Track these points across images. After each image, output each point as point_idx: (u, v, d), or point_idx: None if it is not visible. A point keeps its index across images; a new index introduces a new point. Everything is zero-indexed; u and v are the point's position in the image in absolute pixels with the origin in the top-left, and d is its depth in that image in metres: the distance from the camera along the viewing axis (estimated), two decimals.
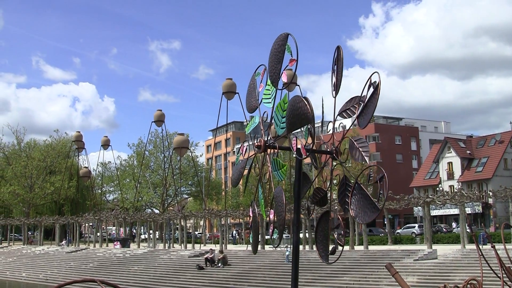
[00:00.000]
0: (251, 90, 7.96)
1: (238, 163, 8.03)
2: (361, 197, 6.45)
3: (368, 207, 6.31)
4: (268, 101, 7.42)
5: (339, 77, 6.89)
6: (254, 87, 7.91)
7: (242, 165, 7.95)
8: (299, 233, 7.43)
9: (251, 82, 8.03)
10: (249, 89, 8.04)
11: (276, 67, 7.25)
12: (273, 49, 7.31)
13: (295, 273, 6.90)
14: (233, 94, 67.21)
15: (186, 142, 75.17)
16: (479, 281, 6.26)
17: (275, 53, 7.25)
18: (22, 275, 54.45)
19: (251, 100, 7.90)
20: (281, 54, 7.16)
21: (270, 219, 7.31)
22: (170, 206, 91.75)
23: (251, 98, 7.91)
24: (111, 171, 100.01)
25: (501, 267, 6.95)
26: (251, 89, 7.99)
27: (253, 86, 7.95)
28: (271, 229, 7.41)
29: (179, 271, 44.61)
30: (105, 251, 61.11)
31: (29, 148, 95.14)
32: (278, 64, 7.18)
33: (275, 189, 7.37)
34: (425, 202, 41.86)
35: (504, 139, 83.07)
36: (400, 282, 5.96)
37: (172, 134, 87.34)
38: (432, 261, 34.83)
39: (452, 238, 47.92)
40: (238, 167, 8.01)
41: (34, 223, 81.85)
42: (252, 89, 7.93)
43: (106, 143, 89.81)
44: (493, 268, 7.64)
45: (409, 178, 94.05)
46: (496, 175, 78.35)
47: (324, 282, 34.03)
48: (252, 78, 8.01)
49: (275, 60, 7.26)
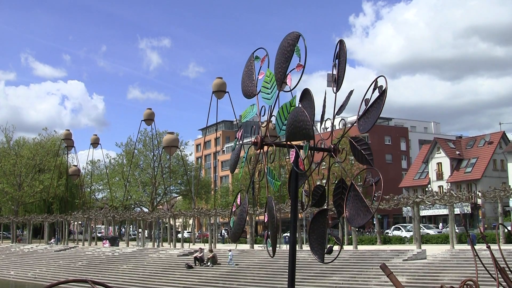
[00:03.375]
0: (249, 73, 7.66)
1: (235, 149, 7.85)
2: (355, 198, 6.39)
3: (361, 209, 6.25)
4: (267, 98, 7.20)
5: (342, 72, 6.78)
6: (252, 71, 7.62)
7: (238, 149, 7.79)
8: (295, 233, 7.32)
9: (249, 64, 7.73)
10: (247, 72, 7.72)
11: (282, 65, 7.05)
12: (282, 46, 7.11)
13: (292, 273, 6.85)
14: (223, 93, 67.22)
15: (176, 141, 75.06)
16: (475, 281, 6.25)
17: (284, 50, 7.05)
18: (11, 273, 54.22)
19: (248, 84, 7.61)
20: (290, 54, 6.95)
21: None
22: (159, 205, 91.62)
23: (248, 82, 7.63)
24: (101, 170, 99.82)
25: (496, 268, 6.95)
26: (249, 72, 7.68)
27: (250, 69, 7.66)
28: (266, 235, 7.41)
29: (168, 270, 44.51)
30: (94, 249, 60.90)
31: (18, 146, 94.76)
32: (285, 62, 6.96)
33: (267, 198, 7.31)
34: (415, 202, 41.97)
35: (494, 140, 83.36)
36: (395, 283, 5.93)
37: (162, 133, 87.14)
38: (421, 261, 34.92)
39: (441, 238, 48.06)
40: (234, 152, 7.84)
41: (23, 221, 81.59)
42: (250, 72, 7.64)
43: (95, 141, 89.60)
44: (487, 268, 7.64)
45: (398, 178, 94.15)
46: (485, 176, 78.63)
47: (314, 281, 34.03)
48: (250, 60, 7.73)
49: (282, 58, 7.06)
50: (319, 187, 7.27)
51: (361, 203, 6.28)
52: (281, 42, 7.09)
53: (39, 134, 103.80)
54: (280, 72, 7.01)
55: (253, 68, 7.61)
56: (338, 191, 6.76)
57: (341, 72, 6.79)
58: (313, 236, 7.08)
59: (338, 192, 6.76)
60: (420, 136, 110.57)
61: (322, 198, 7.22)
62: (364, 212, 6.21)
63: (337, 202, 6.77)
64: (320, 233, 7.03)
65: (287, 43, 7.01)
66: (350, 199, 6.42)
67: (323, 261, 7.01)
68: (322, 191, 7.24)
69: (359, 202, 6.30)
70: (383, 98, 6.41)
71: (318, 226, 7.06)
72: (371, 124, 6.50)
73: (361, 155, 6.56)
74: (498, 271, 7.04)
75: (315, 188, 7.26)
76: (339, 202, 6.71)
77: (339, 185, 6.79)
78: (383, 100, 6.41)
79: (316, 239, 7.04)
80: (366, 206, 6.22)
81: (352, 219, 6.33)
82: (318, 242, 7.03)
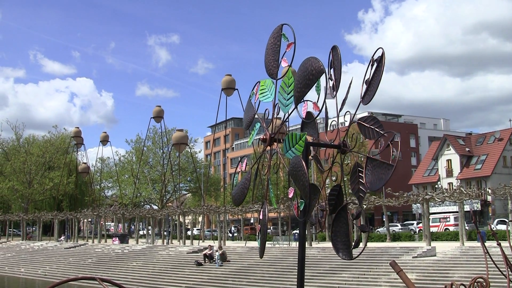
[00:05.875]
0: (275, 48, 7.20)
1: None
2: (374, 167, 6.24)
3: (381, 170, 6.10)
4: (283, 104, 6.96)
5: (338, 77, 6.62)
6: (277, 48, 7.16)
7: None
8: (304, 230, 7.26)
9: (275, 35, 7.23)
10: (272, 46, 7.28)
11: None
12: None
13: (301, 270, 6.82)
14: (232, 90, 67.18)
15: (185, 138, 75.07)
16: (485, 279, 6.20)
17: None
18: (21, 270, 54.45)
19: (271, 62, 7.24)
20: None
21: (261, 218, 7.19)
22: (168, 202, 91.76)
23: (271, 59, 7.24)
24: (110, 167, 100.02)
25: (507, 265, 6.90)
26: (274, 46, 7.22)
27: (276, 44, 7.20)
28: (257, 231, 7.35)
29: (178, 267, 44.56)
30: (103, 247, 61.05)
31: (28, 143, 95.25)
32: (306, 88, 6.57)
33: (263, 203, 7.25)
34: (424, 199, 41.83)
35: (504, 136, 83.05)
36: (405, 280, 5.89)
37: (171, 130, 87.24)
38: (431, 258, 34.80)
39: (451, 236, 47.88)
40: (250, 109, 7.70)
41: (33, 218, 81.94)
42: (275, 48, 7.20)
43: (105, 139, 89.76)
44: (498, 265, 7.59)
45: (408, 175, 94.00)
46: (495, 173, 78.34)
47: (323, 278, 33.99)
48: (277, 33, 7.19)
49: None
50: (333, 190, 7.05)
51: (381, 166, 6.13)
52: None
53: (49, 131, 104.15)
54: (299, 92, 6.67)
55: (279, 44, 7.17)
56: (354, 176, 6.59)
57: (337, 77, 6.62)
58: (337, 238, 6.89)
59: (354, 178, 6.61)
60: (429, 133, 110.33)
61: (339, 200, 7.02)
62: (385, 171, 6.07)
63: (355, 189, 6.59)
64: (344, 232, 6.85)
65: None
66: (369, 171, 6.29)
67: (352, 258, 6.92)
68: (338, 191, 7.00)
69: (378, 168, 6.17)
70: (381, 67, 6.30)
71: (341, 226, 6.84)
72: (372, 94, 6.36)
73: (357, 186, 6.40)
74: (508, 268, 6.99)
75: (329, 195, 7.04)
76: (358, 187, 6.54)
77: (355, 170, 6.61)
78: (381, 70, 6.30)
79: (341, 240, 6.87)
80: (387, 164, 6.05)
81: (373, 184, 6.19)
82: (343, 242, 6.88)
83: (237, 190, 7.80)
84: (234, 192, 7.89)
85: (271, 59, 7.29)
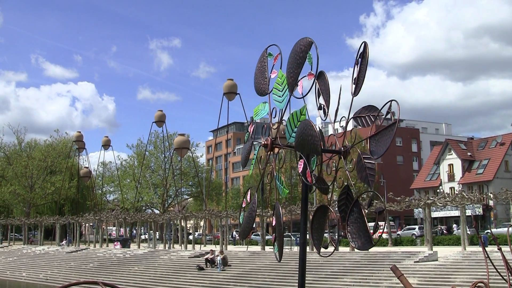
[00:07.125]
0: (262, 70, 7.47)
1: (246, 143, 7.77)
2: (358, 218, 6.19)
3: (363, 234, 6.08)
4: (279, 101, 7.10)
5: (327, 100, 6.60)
6: (265, 68, 7.45)
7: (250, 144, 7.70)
8: (305, 235, 7.27)
9: (262, 60, 7.53)
10: (260, 68, 7.54)
11: (294, 71, 6.89)
12: (294, 50, 6.97)
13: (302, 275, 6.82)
14: (234, 94, 67.23)
15: (187, 142, 75.07)
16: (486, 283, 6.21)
17: (296, 56, 6.90)
18: (22, 274, 54.45)
19: (260, 82, 7.45)
20: (302, 60, 6.81)
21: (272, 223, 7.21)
22: (170, 206, 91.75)
23: (260, 79, 7.46)
24: (112, 171, 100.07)
25: (508, 270, 6.91)
26: (261, 68, 7.50)
27: (263, 66, 7.48)
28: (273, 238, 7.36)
29: (179, 271, 44.57)
30: (105, 251, 61.08)
31: (30, 148, 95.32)
32: (297, 68, 6.79)
33: (275, 204, 7.26)
34: (426, 204, 41.81)
35: (505, 141, 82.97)
36: (406, 285, 5.89)
37: (173, 135, 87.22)
38: (432, 263, 34.79)
39: (452, 240, 47.85)
40: (246, 147, 7.78)
41: (35, 223, 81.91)
42: (263, 69, 7.47)
43: (106, 143, 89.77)
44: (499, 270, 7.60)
45: (409, 179, 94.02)
46: (497, 177, 78.28)
47: (325, 283, 34.00)
48: (263, 55, 7.53)
49: (294, 63, 6.90)
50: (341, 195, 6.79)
51: (363, 226, 6.10)
52: (294, 46, 6.96)
53: (51, 136, 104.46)
54: (292, 77, 6.87)
55: (266, 65, 7.46)
56: (343, 197, 6.57)
57: (326, 99, 6.61)
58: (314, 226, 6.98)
59: (342, 198, 6.59)
60: (431, 138, 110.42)
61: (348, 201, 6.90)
62: (365, 238, 6.04)
63: (341, 208, 6.59)
64: (320, 225, 6.91)
65: (299, 48, 6.88)
66: (353, 215, 6.23)
67: (319, 253, 6.97)
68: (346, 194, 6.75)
69: (361, 223, 6.12)
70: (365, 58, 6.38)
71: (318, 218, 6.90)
72: (360, 85, 6.40)
73: (364, 172, 6.32)
74: (509, 272, 7.00)
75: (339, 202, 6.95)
76: (343, 208, 6.54)
77: (344, 191, 6.60)
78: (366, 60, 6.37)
79: (316, 229, 6.93)
80: (368, 233, 6.02)
81: (353, 239, 6.14)
82: (318, 233, 6.93)
83: (244, 225, 7.67)
84: (242, 228, 7.78)
85: (260, 80, 7.42)
